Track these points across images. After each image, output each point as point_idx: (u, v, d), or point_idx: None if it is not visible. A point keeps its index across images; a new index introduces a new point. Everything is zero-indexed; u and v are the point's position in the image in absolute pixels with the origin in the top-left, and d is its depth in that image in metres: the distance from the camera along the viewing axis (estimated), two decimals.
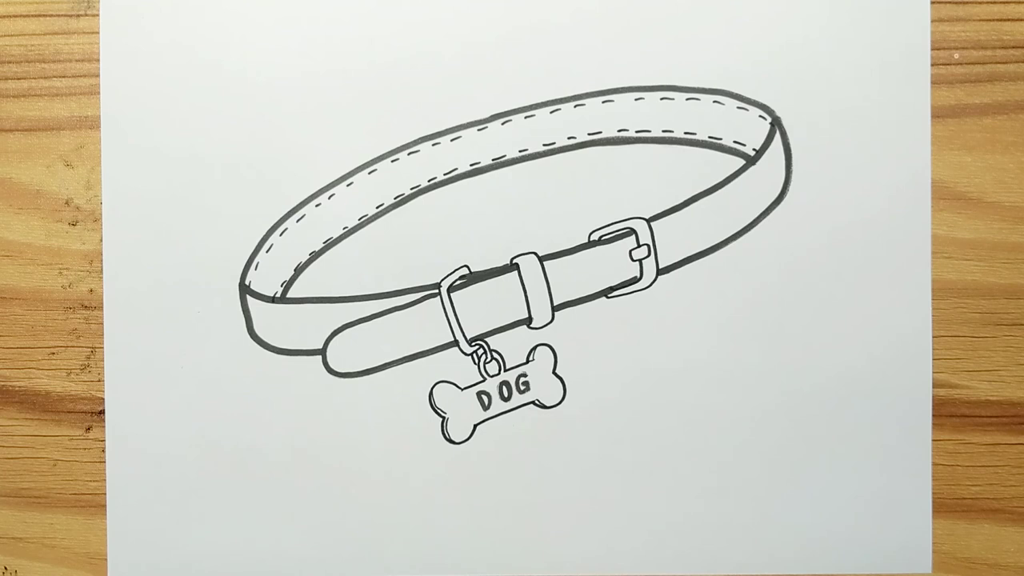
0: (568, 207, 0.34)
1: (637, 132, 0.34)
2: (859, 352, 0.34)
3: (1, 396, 0.35)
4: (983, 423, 0.34)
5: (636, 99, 0.34)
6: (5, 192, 0.35)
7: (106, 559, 0.35)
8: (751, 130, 0.34)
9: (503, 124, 0.34)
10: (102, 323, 0.35)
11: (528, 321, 0.34)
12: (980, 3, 0.34)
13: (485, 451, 0.34)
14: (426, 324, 0.34)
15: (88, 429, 0.35)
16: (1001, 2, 0.34)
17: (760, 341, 0.34)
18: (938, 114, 0.34)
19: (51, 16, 0.35)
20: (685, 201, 0.34)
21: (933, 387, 0.34)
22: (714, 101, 0.34)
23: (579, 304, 0.34)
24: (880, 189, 0.34)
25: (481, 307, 0.34)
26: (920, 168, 0.34)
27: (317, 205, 0.34)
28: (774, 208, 0.34)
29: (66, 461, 0.35)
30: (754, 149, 0.34)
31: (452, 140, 0.34)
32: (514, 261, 0.34)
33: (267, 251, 0.34)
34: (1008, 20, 0.34)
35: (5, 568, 0.35)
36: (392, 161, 0.34)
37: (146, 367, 0.34)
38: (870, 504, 0.34)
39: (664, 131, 0.34)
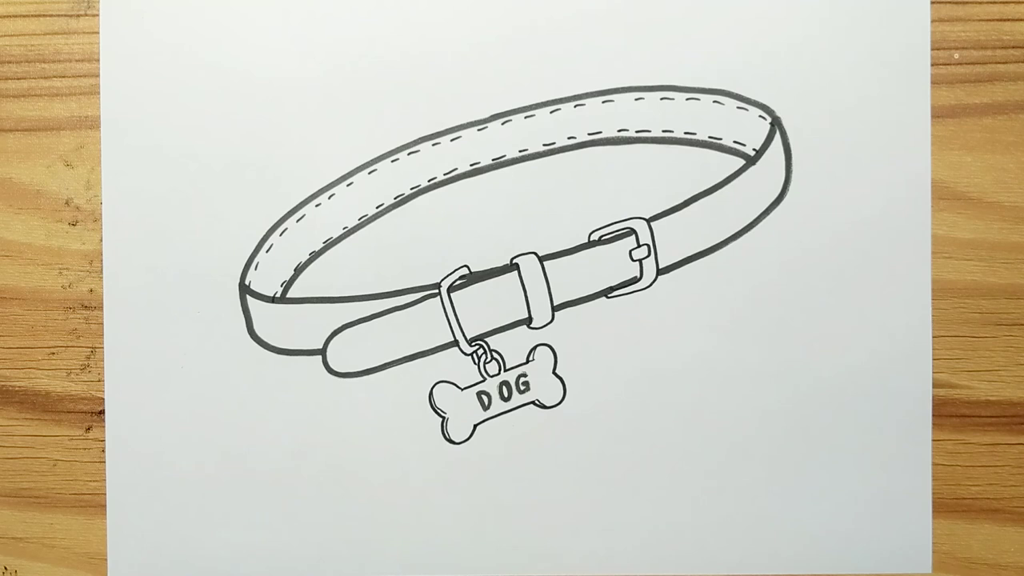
0: (568, 207, 0.34)
1: (637, 132, 0.34)
2: (859, 352, 0.34)
3: (1, 396, 0.35)
4: (983, 423, 0.34)
5: (636, 99, 0.34)
6: (5, 192, 0.35)
7: (106, 559, 0.35)
8: (751, 130, 0.34)
9: (503, 124, 0.34)
10: (102, 323, 0.35)
11: (528, 321, 0.34)
12: (980, 3, 0.34)
13: (485, 451, 0.34)
14: (426, 324, 0.34)
15: (88, 429, 0.35)
16: (1001, 2, 0.34)
17: (760, 341, 0.34)
18: (938, 114, 0.34)
19: (51, 16, 0.35)
20: (685, 201, 0.34)
21: (933, 387, 0.34)
22: (714, 101, 0.34)
23: (579, 304, 0.34)
24: (880, 189, 0.34)
25: (481, 307, 0.34)
26: (920, 168, 0.34)
27: (317, 205, 0.34)
28: (774, 208, 0.34)
29: (66, 461, 0.35)
30: (754, 149, 0.34)
31: (452, 140, 0.34)
32: (514, 261, 0.34)
33: (267, 251, 0.34)
34: (1008, 20, 0.34)
35: (5, 568, 0.35)
36: (392, 161, 0.34)
37: (146, 367, 0.34)
38: (870, 504, 0.34)
39: (664, 131, 0.34)
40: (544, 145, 0.34)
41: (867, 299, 0.34)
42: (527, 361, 0.34)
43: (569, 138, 0.34)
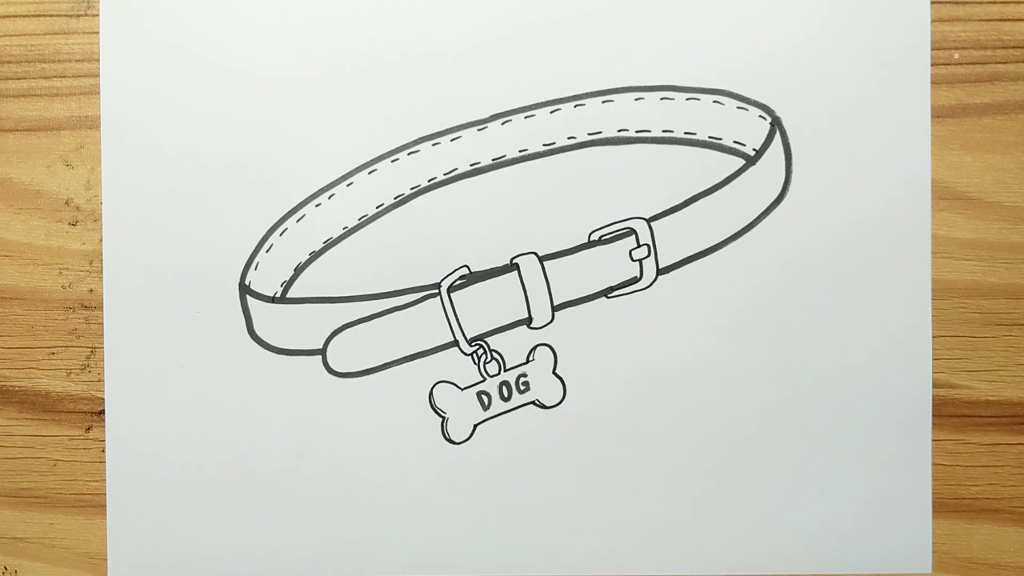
0: (568, 207, 0.34)
1: (637, 132, 0.34)
2: (859, 352, 0.34)
3: (1, 396, 0.35)
4: (983, 423, 0.34)
5: (636, 99, 0.34)
6: (5, 192, 0.35)
7: (106, 559, 0.35)
8: (751, 130, 0.34)
9: (503, 124, 0.34)
10: (102, 323, 0.35)
11: (528, 321, 0.34)
12: (980, 3, 0.34)
13: (485, 451, 0.34)
14: (426, 324, 0.34)
15: (88, 429, 0.35)
16: (1001, 2, 0.34)
17: (760, 341, 0.34)
18: (938, 114, 0.34)
19: (51, 16, 0.35)
20: (685, 201, 0.34)
21: (933, 387, 0.34)
22: (714, 101, 0.34)
23: (579, 304, 0.34)
24: (880, 189, 0.34)
25: (481, 307, 0.34)
26: (920, 168, 0.34)
27: (317, 205, 0.34)
28: (774, 208, 0.34)
29: (66, 461, 0.35)
30: (754, 149, 0.34)
31: (452, 140, 0.34)
32: (514, 261, 0.34)
33: (267, 251, 0.34)
34: (1008, 20, 0.34)
35: (5, 568, 0.35)
36: (392, 161, 0.34)
37: (146, 367, 0.34)
38: (870, 504, 0.34)
39: (664, 131, 0.34)
40: (544, 145, 0.34)
41: (867, 299, 0.34)
42: (527, 361, 0.34)
43: (569, 138, 0.34)
